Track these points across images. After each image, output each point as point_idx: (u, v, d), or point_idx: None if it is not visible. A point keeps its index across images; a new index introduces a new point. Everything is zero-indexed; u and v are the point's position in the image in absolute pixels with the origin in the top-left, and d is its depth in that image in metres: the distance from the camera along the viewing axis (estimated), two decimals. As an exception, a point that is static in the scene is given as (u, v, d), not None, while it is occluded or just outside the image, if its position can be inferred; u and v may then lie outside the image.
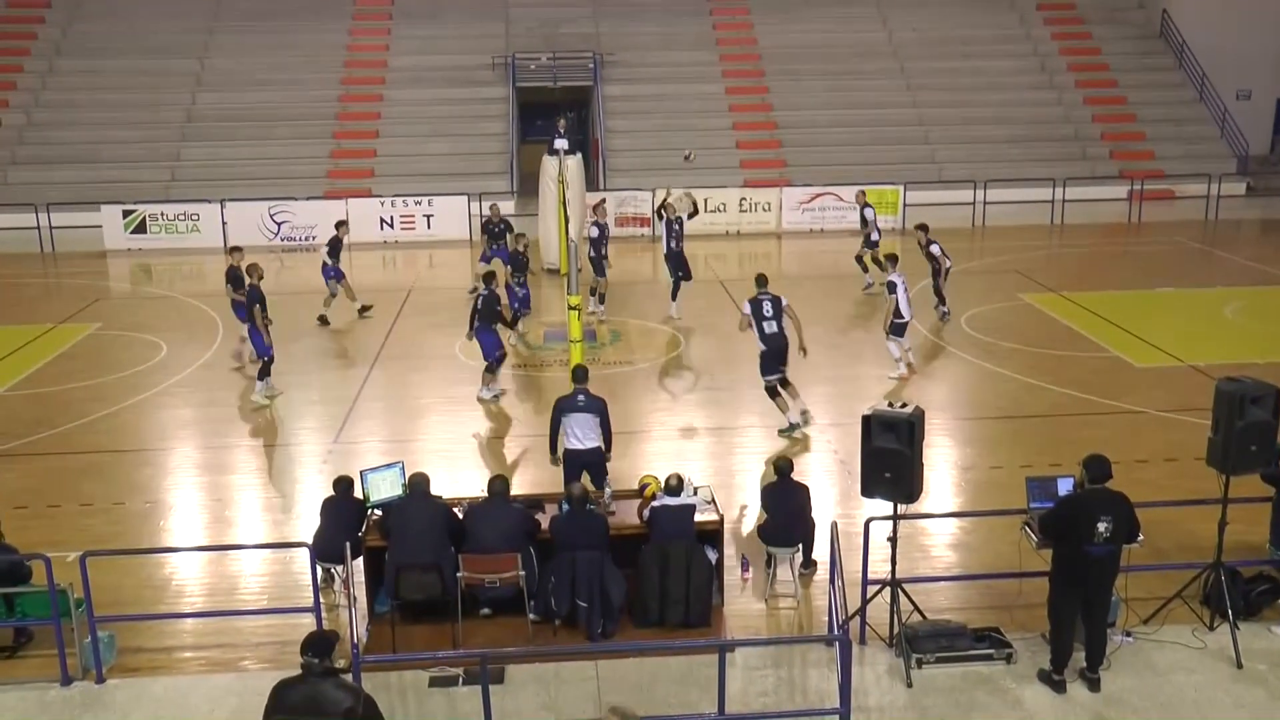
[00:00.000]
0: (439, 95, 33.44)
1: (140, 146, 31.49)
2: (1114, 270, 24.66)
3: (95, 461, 14.35)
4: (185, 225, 27.74)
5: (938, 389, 16.71)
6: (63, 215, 28.05)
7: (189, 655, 10.02)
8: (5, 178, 30.72)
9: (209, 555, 11.76)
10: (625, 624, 10.07)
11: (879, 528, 9.90)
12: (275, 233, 27.75)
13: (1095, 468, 9.06)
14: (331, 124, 32.77)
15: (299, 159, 31.31)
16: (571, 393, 11.91)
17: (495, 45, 34.93)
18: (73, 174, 30.36)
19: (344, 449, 14.68)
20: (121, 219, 27.64)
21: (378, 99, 33.63)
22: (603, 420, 11.69)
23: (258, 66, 33.88)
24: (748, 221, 28.58)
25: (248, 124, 32.19)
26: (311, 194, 29.17)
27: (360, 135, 32.51)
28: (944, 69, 34.79)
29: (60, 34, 34.87)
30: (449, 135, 32.39)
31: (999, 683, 9.35)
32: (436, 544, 9.84)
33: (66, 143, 31.56)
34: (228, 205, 27.68)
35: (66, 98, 32.87)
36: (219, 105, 32.89)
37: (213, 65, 34.17)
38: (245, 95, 33.04)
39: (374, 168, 31.44)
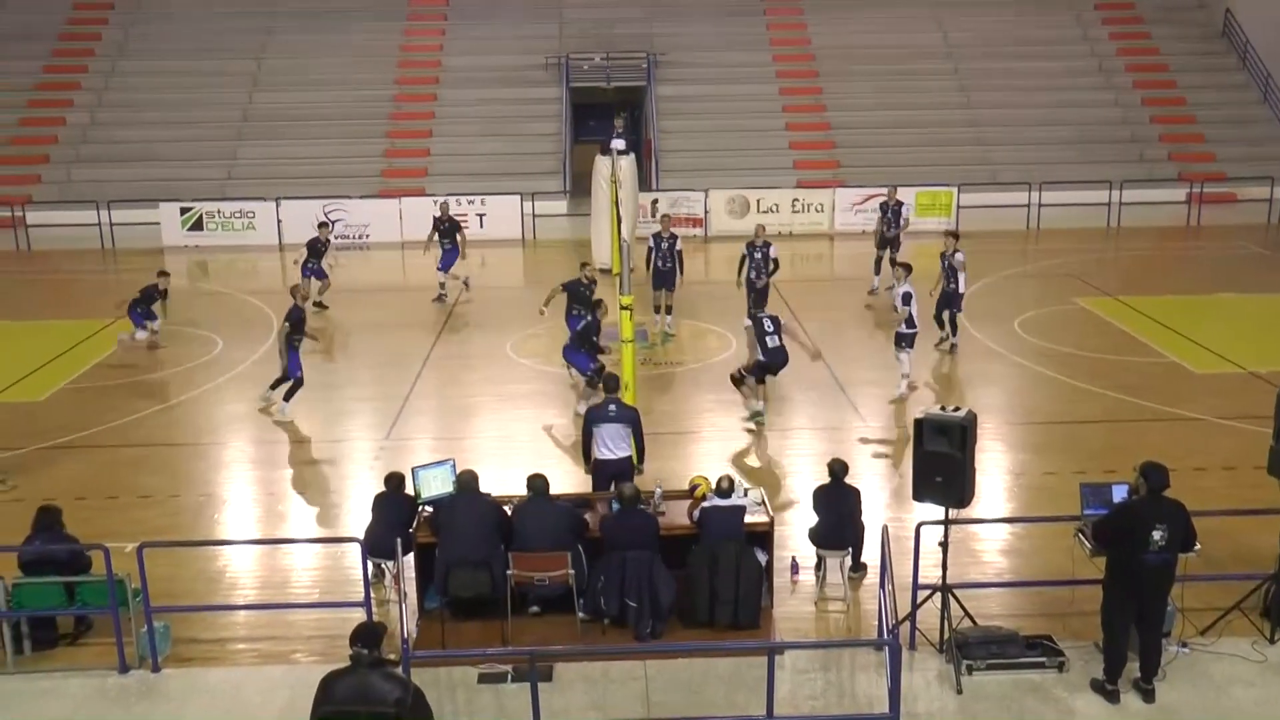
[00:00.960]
0: (492, 95, 33.58)
1: (198, 145, 31.91)
2: (1172, 274, 24.30)
3: (152, 455, 14.57)
4: (241, 223, 28.07)
5: (990, 393, 16.55)
6: (122, 212, 28.52)
7: (242, 647, 10.15)
8: (69, 175, 31.26)
9: (262, 548, 11.89)
10: (674, 624, 10.06)
11: (930, 532, 9.81)
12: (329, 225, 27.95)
13: (1154, 476, 8.91)
14: (385, 123, 33.03)
15: (353, 158, 31.58)
16: (603, 402, 11.78)
17: (549, 45, 35.03)
18: (133, 172, 30.82)
19: (395, 446, 14.79)
20: (179, 216, 28.04)
21: (431, 99, 33.84)
22: (635, 430, 11.52)
23: (313, 66, 34.22)
24: (800, 222, 28.46)
25: (303, 123, 32.52)
26: (365, 193, 29.41)
27: (414, 135, 32.73)
28: (998, 70, 34.45)
29: (123, 36, 35.43)
30: (502, 135, 32.52)
31: (1051, 691, 9.24)
32: (486, 541, 9.88)
33: (127, 141, 32.07)
34: (282, 203, 27.98)
35: (128, 98, 33.41)
36: (275, 105, 33.26)
37: (269, 65, 34.56)
38: (301, 95, 33.39)
39: (427, 167, 31.65)
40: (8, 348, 16.03)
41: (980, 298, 21.53)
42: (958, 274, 17.84)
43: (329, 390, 17.04)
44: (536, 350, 18.65)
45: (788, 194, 28.98)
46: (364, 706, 6.59)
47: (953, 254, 17.89)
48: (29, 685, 9.55)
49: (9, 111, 32.96)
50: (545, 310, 17.46)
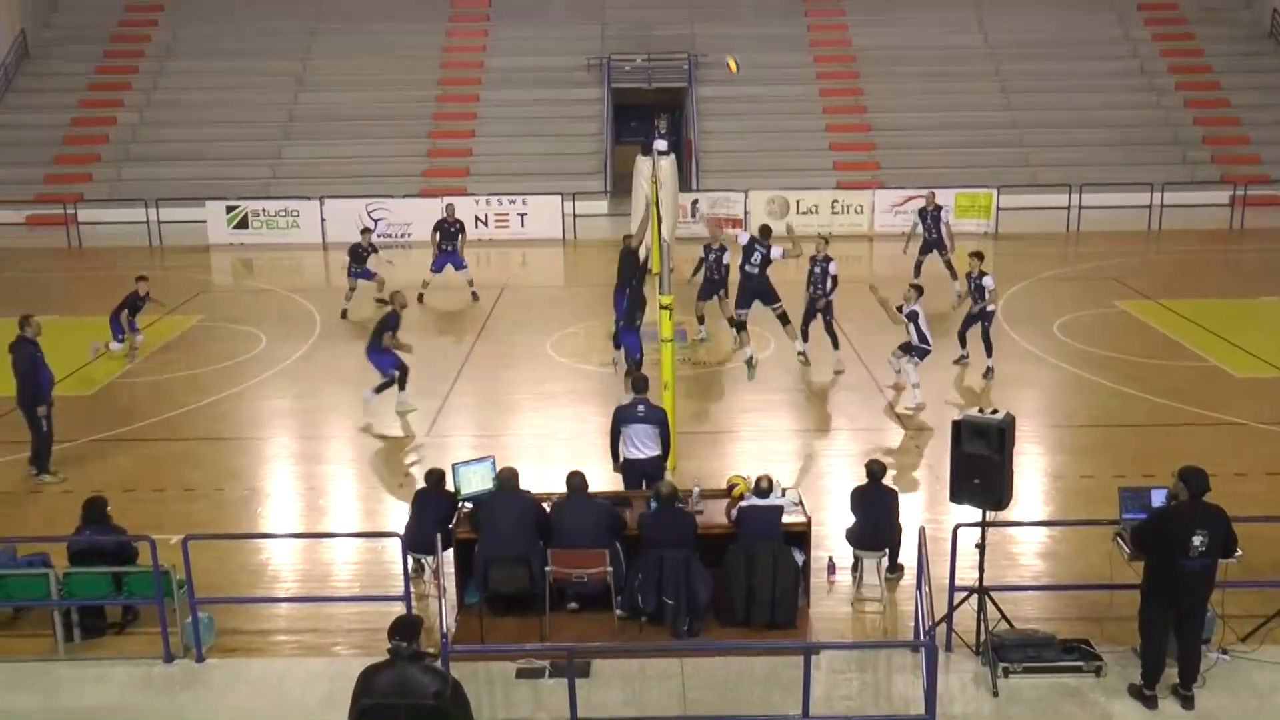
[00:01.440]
0: (534, 96, 33.69)
1: (244, 145, 32.26)
2: (1214, 278, 24.01)
3: (197, 449, 14.74)
4: (285, 221, 28.32)
5: (1029, 395, 16.42)
6: (170, 210, 28.87)
7: (283, 639, 10.25)
8: (119, 174, 31.68)
9: (303, 542, 12.00)
10: (711, 623, 10.05)
11: (967, 534, 9.75)
12: (372, 229, 28.11)
13: (1194, 481, 8.80)
14: (428, 123, 33.22)
15: (396, 157, 31.79)
16: (631, 402, 11.81)
17: (590, 47, 35.10)
18: (180, 171, 31.19)
19: (436, 442, 14.87)
20: (225, 215, 28.33)
21: (474, 99, 33.99)
22: (662, 430, 11.61)
23: (357, 67, 34.45)
24: (840, 223, 28.32)
25: (347, 123, 32.78)
26: (408, 192, 29.58)
27: (456, 135, 32.90)
28: (1039, 71, 34.16)
29: (171, 37, 35.84)
30: (543, 135, 32.61)
31: (1087, 695, 9.16)
32: (525, 538, 9.93)
33: (175, 140, 32.44)
34: (326, 202, 28.20)
35: (176, 98, 33.79)
36: (319, 105, 33.55)
37: (314, 66, 34.85)
38: (345, 95, 33.64)
39: (469, 166, 31.80)
40: (60, 343, 16.24)
41: (1019, 300, 21.37)
42: (985, 295, 16.76)
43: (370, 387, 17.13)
44: (576, 349, 18.69)
45: (827, 195, 28.89)
46: (403, 699, 6.62)
47: (979, 276, 16.80)
48: (79, 672, 9.70)
49: (62, 112, 33.47)
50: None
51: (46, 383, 13.63)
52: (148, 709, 9.20)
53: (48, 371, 13.68)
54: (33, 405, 13.42)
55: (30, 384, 13.40)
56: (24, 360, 13.40)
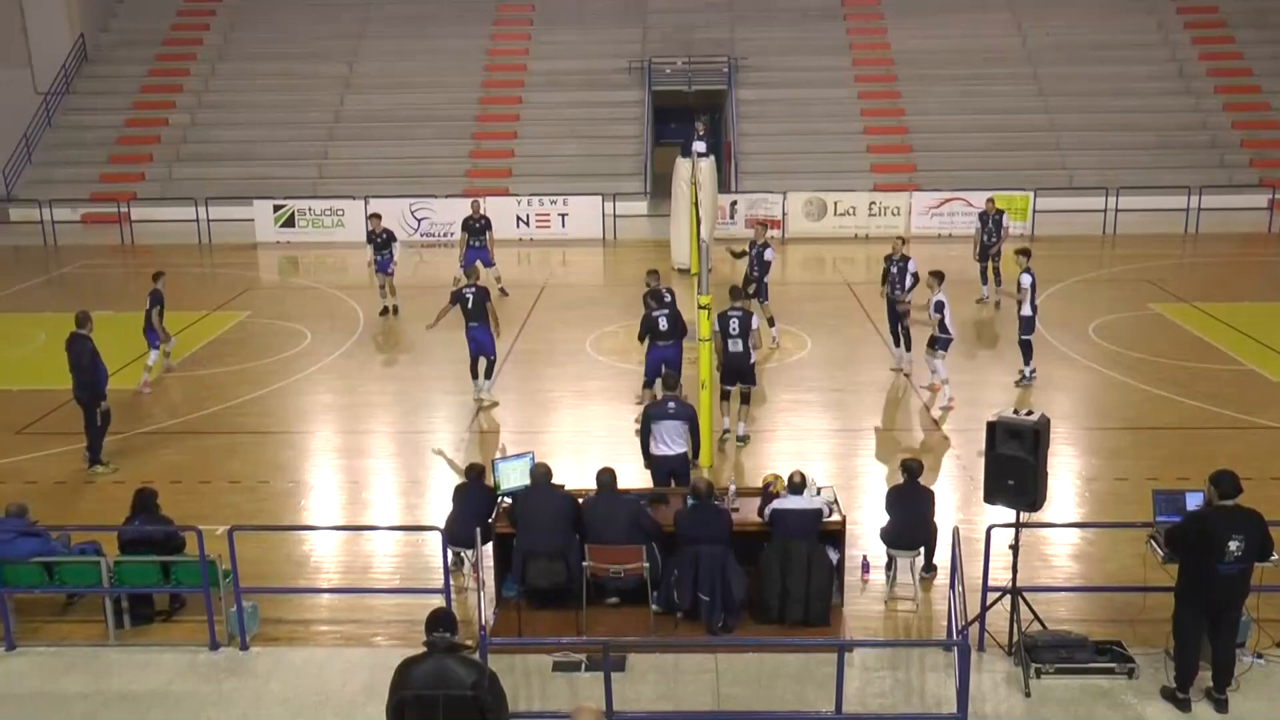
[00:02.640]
0: (576, 98, 33.73)
1: (291, 145, 32.52)
2: (1250, 281, 23.66)
3: (243, 442, 14.86)
4: (331, 220, 28.52)
5: (1063, 397, 16.25)
6: (219, 209, 29.14)
7: (325, 629, 10.32)
8: (170, 174, 32.02)
9: (346, 535, 12.08)
10: (745, 620, 10.02)
11: (1000, 535, 9.66)
12: (415, 228, 28.34)
13: (1224, 483, 8.68)
14: (471, 125, 33.33)
15: (439, 158, 31.93)
16: (661, 400, 11.83)
17: (632, 49, 35.08)
18: (229, 170, 31.48)
19: (476, 438, 14.92)
20: (272, 213, 28.56)
21: (516, 101, 34.08)
22: (691, 427, 11.62)
23: (403, 70, 34.62)
24: (877, 225, 28.16)
25: (392, 124, 32.94)
26: (451, 192, 29.68)
27: (499, 136, 33.00)
28: (1077, 74, 33.78)
29: (222, 40, 36.18)
30: (584, 137, 32.65)
31: (1120, 697, 9.05)
32: (562, 533, 9.95)
33: (224, 141, 32.76)
34: (371, 202, 28.35)
35: (226, 99, 34.11)
36: (365, 107, 33.73)
37: (360, 69, 35.06)
38: (390, 97, 33.81)
39: (511, 167, 31.88)
40: (113, 337, 16.43)
41: (1055, 302, 21.15)
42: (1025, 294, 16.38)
43: (413, 383, 17.26)
44: (615, 347, 18.69)
45: (864, 197, 28.72)
46: (441, 690, 6.64)
47: (1020, 274, 16.56)
48: (128, 657, 9.82)
49: (117, 113, 33.89)
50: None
51: (103, 378, 13.82)
52: (194, 695, 9.29)
53: (104, 367, 13.88)
54: (92, 399, 13.64)
55: (89, 378, 13.61)
56: (85, 355, 13.60)
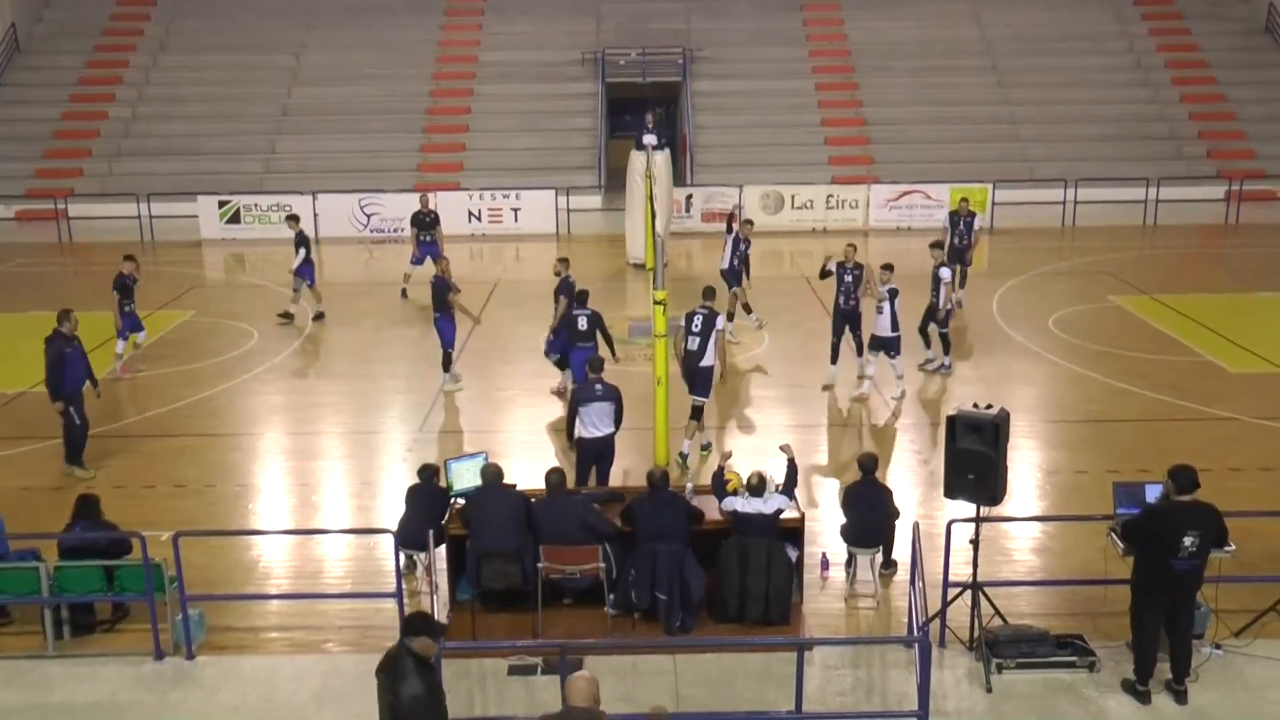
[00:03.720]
0: (528, 90, 33.66)
1: (237, 139, 32.18)
2: (1209, 273, 24.03)
3: (188, 444, 14.70)
4: (278, 216, 28.10)
5: (1023, 390, 16.42)
6: (162, 205, 28.76)
7: (274, 635, 10.23)
8: (110, 169, 31.58)
9: (295, 539, 12.00)
10: (704, 619, 10.05)
11: (961, 530, 9.75)
12: (365, 224, 28.16)
13: (1181, 477, 8.81)
14: (422, 118, 33.15)
15: (389, 152, 31.75)
16: (589, 383, 12.22)
17: (585, 41, 35.05)
18: (172, 165, 31.07)
19: (428, 438, 14.86)
20: (217, 209, 28.26)
21: (468, 94, 33.94)
22: (616, 408, 12.09)
23: (351, 62, 34.39)
24: (835, 218, 28.32)
25: (340, 117, 32.71)
26: (401, 187, 29.52)
27: (450, 129, 32.85)
28: (1036, 66, 34.14)
29: (164, 31, 35.73)
30: (537, 130, 32.57)
31: (1081, 691, 9.17)
32: (517, 534, 9.92)
33: (167, 135, 32.34)
34: (319, 197, 28.14)
35: (169, 92, 33.70)
36: (313, 99, 33.46)
37: (308, 60, 34.78)
38: (338, 90, 33.56)
39: (463, 161, 31.75)
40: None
41: (1015, 295, 21.39)
42: (940, 287, 16.50)
43: (364, 383, 17.15)
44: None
45: (822, 190, 28.86)
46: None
47: (937, 267, 16.57)
48: (68, 669, 9.68)
49: (52, 106, 33.35)
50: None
51: (72, 379, 13.57)
52: (138, 706, 9.19)
53: (77, 369, 13.62)
54: (52, 400, 13.48)
55: (52, 378, 13.41)
56: (50, 354, 13.42)
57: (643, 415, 13.31)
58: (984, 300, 20.79)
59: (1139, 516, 9.05)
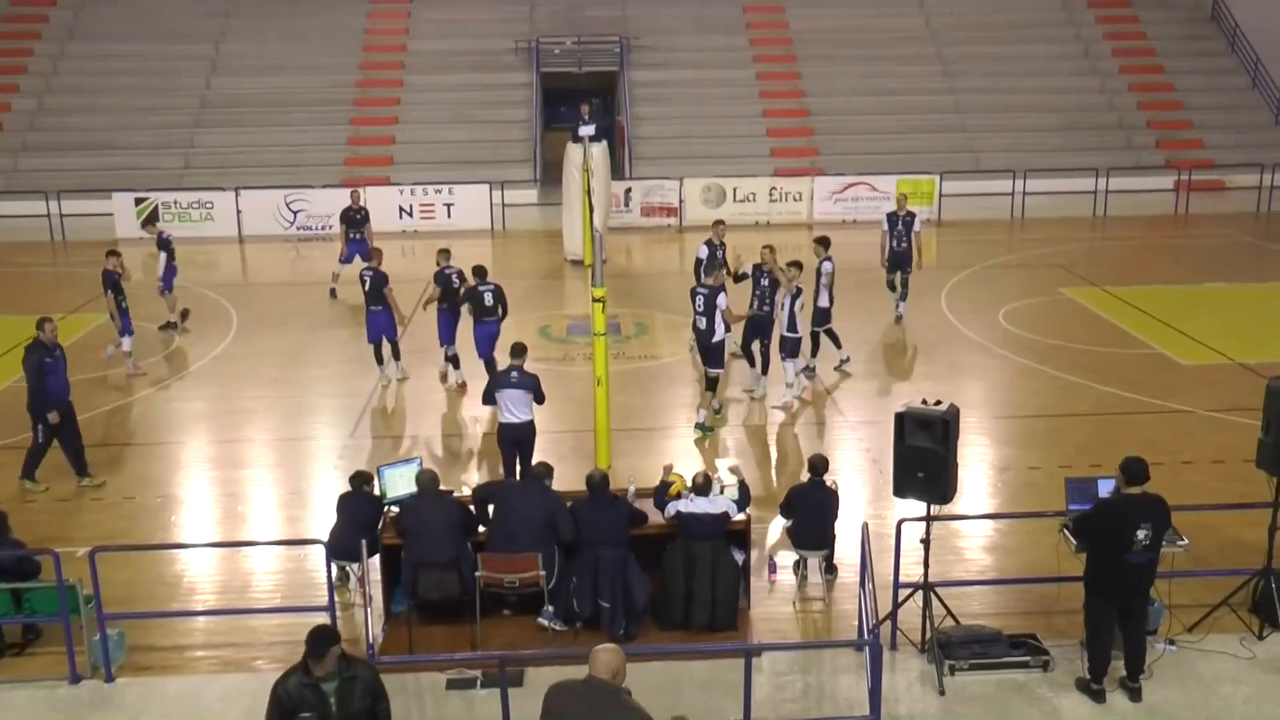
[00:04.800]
0: (460, 80, 33.50)
1: (153, 133, 31.68)
2: (1159, 264, 24.48)
3: (106, 455, 14.45)
4: (199, 213, 27.88)
5: (974, 386, 16.63)
6: (73, 203, 28.23)
7: (200, 654, 10.11)
8: (15, 164, 30.94)
9: (222, 552, 11.85)
10: (648, 626, 10.07)
11: (911, 529, 9.86)
12: (291, 221, 27.87)
13: (1132, 470, 8.97)
14: (349, 110, 32.89)
15: (316, 146, 31.44)
16: (506, 369, 12.55)
17: (518, 29, 34.96)
18: (84, 161, 30.55)
19: (360, 444, 14.75)
20: (133, 207, 27.77)
21: (397, 84, 33.72)
22: (535, 395, 12.39)
23: (274, 51, 34.02)
24: (778, 212, 28.48)
25: (263, 110, 32.35)
26: (328, 182, 29.26)
27: (379, 121, 32.62)
28: (982, 54, 34.58)
29: (72, 17, 35.10)
30: (470, 122, 32.43)
31: (1035, 691, 9.31)
32: (454, 542, 9.89)
33: (78, 129, 31.78)
34: (242, 193, 27.80)
35: (78, 83, 33.11)
36: (234, 90, 33.04)
37: (228, 49, 34.33)
38: (261, 80, 33.19)
39: (393, 155, 31.54)
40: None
41: (964, 288, 21.66)
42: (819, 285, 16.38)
43: (293, 387, 16.99)
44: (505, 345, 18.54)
45: (765, 182, 28.99)
46: None
47: (820, 263, 16.44)
48: (-24, 696, 9.49)
49: (-49, 98, 32.69)
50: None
51: (57, 391, 13.24)
52: (54, 731, 9.04)
53: (60, 378, 13.31)
54: (40, 413, 13.11)
55: (33, 391, 13.08)
56: (30, 366, 13.07)
57: (583, 417, 13.31)
58: (932, 294, 21.03)
59: (1091, 511, 9.20)
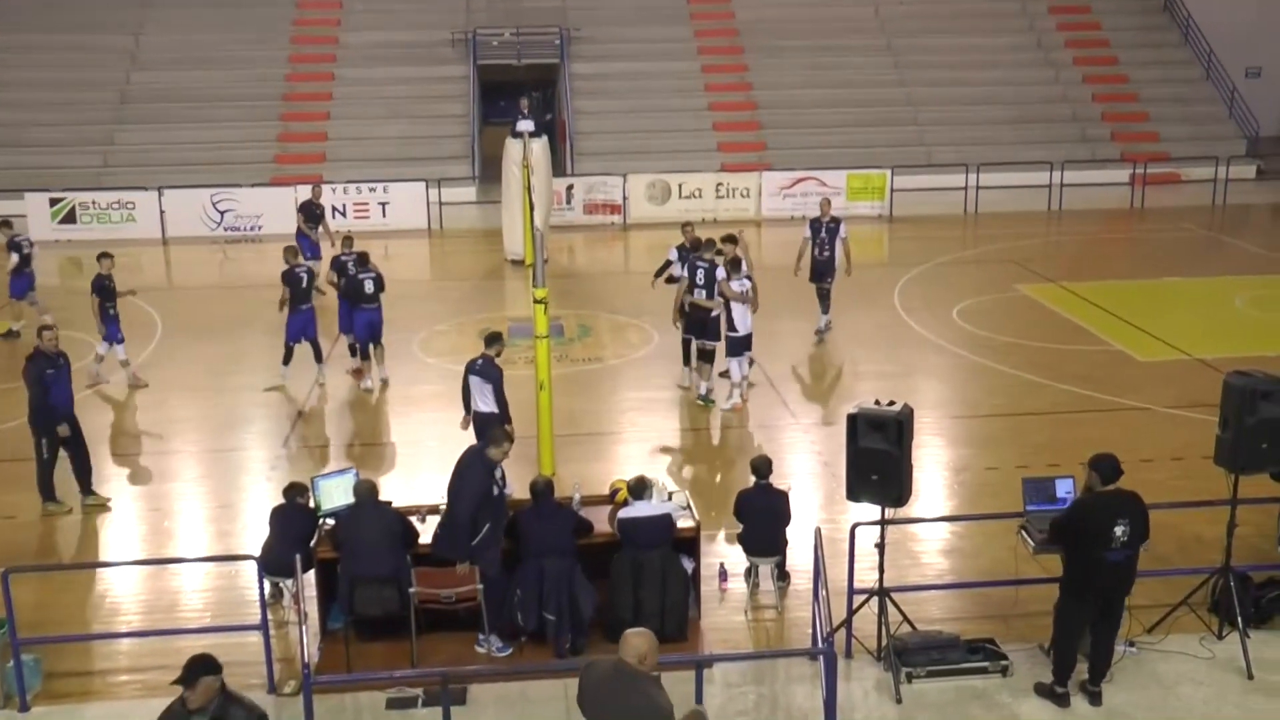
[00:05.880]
0: (394, 74, 33.32)
1: (69, 129, 31.22)
2: (1116, 259, 24.84)
3: (20, 470, 14.16)
4: (119, 214, 27.51)
5: (928, 385, 16.79)
6: (-17, 204, 27.78)
7: (125, 679, 9.96)
8: (-79, 164, 30.42)
9: (147, 570, 11.68)
10: (596, 639, 10.04)
11: (866, 533, 9.92)
12: (218, 222, 27.57)
13: (1106, 467, 9.01)
14: (279, 105, 32.60)
15: (244, 143, 31.13)
16: (477, 355, 12.91)
17: (455, 20, 34.83)
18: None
19: (294, 454, 14.63)
20: (48, 208, 27.37)
21: (328, 78, 33.48)
22: (495, 389, 12.67)
23: (198, 43, 33.62)
24: (725, 208, 28.56)
25: (188, 105, 31.97)
26: (257, 180, 29.01)
27: (310, 117, 32.36)
28: (934, 46, 34.90)
29: (-19, 7, 34.57)
30: (405, 117, 32.28)
31: (994, 697, 9.40)
32: (393, 555, 9.81)
33: (-12, 126, 31.29)
34: (166, 193, 27.46)
35: (-12, 77, 32.61)
36: (156, 85, 32.65)
37: (149, 41, 33.92)
38: (185, 74, 32.79)
39: (325, 152, 31.31)
40: None
41: (917, 285, 21.85)
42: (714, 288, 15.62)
43: (222, 396, 16.81)
44: (446, 348, 18.55)
45: (711, 178, 29.10)
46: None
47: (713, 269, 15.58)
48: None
49: None
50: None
51: (61, 402, 12.91)
52: (-34, 765, 8.88)
53: (64, 389, 12.99)
54: (43, 428, 12.75)
55: (37, 403, 12.72)
56: (32, 377, 12.72)
57: (526, 423, 13.28)
58: (885, 292, 21.21)
59: (1067, 513, 9.21)
